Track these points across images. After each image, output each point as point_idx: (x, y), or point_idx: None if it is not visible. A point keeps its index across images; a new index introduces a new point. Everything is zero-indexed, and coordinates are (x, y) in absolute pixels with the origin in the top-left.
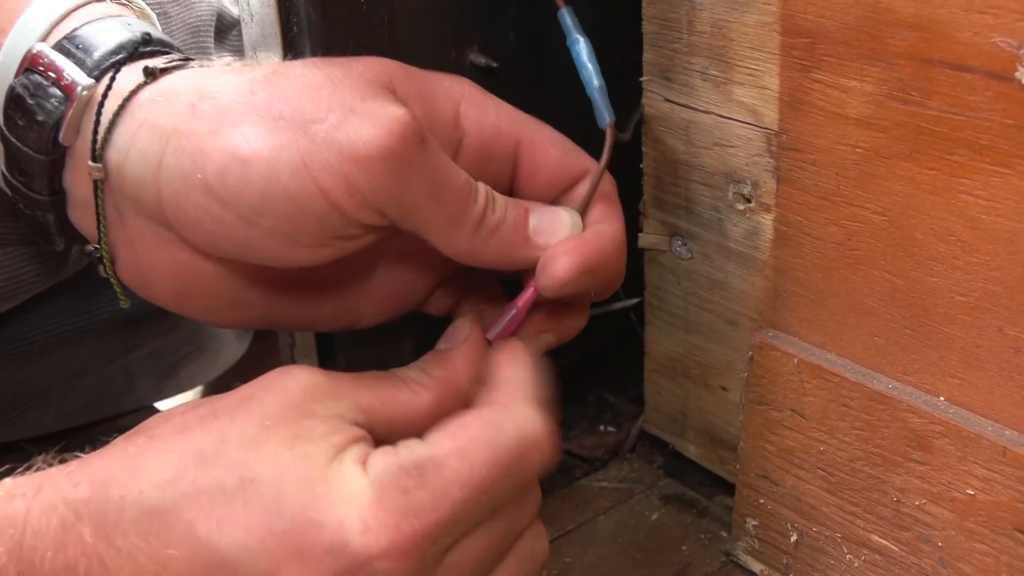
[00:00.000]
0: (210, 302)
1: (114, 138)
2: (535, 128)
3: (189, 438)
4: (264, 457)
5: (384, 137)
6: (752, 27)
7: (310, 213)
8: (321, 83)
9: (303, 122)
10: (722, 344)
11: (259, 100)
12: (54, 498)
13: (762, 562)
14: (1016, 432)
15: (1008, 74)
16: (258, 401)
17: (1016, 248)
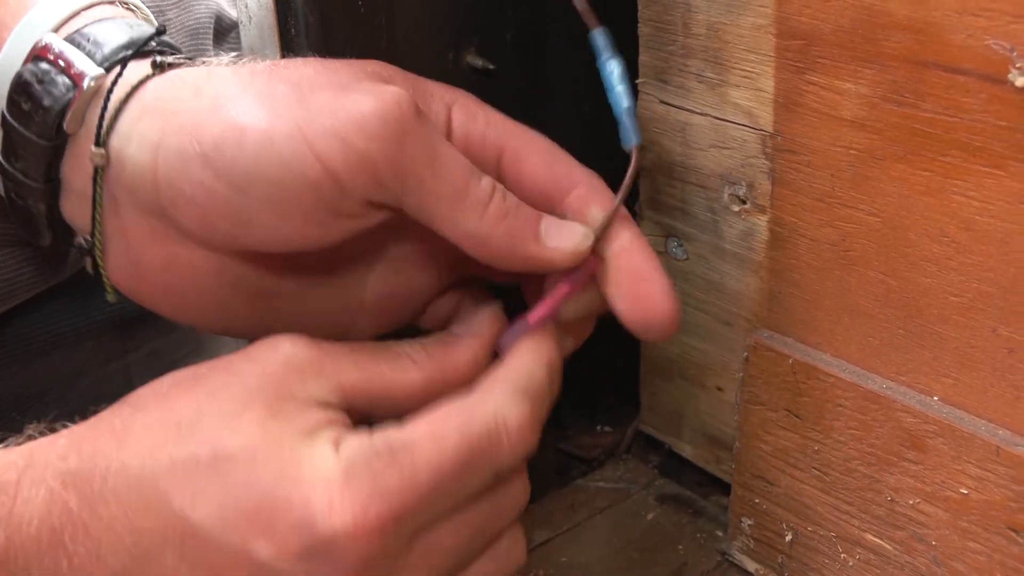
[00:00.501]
0: (198, 301)
1: (118, 125)
2: (523, 138)
3: (170, 410)
4: (238, 433)
5: (382, 104)
6: (747, 29)
7: (304, 181)
8: (320, 71)
9: (301, 96)
10: (718, 345)
11: (259, 82)
12: (43, 469)
13: (757, 561)
14: (1009, 432)
15: (1001, 76)
16: (237, 374)
17: (1009, 249)
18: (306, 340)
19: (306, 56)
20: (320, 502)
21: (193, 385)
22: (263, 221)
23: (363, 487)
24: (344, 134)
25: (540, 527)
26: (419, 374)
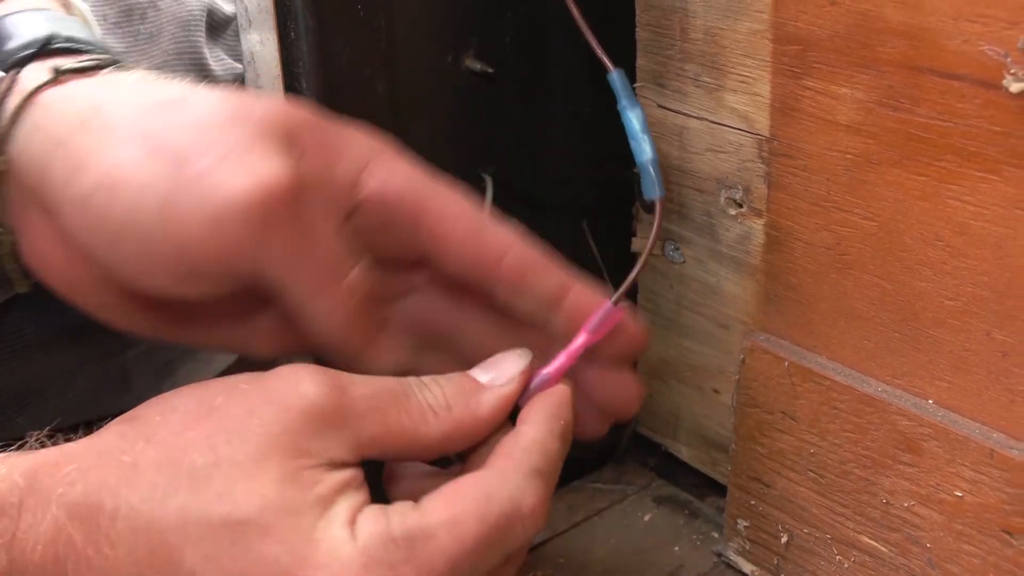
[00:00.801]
0: (98, 302)
1: (15, 133)
2: (445, 200)
3: (183, 450)
4: (253, 496)
5: (247, 191)
6: (744, 35)
7: (167, 248)
8: (213, 122)
9: (178, 159)
10: (714, 347)
11: (147, 126)
12: (48, 494)
13: (753, 563)
14: (1003, 435)
15: (996, 82)
16: (255, 415)
17: (1004, 253)
18: (328, 381)
19: (305, 61)
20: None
21: (208, 421)
22: (127, 271)
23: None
24: (207, 217)
25: None
26: (438, 429)
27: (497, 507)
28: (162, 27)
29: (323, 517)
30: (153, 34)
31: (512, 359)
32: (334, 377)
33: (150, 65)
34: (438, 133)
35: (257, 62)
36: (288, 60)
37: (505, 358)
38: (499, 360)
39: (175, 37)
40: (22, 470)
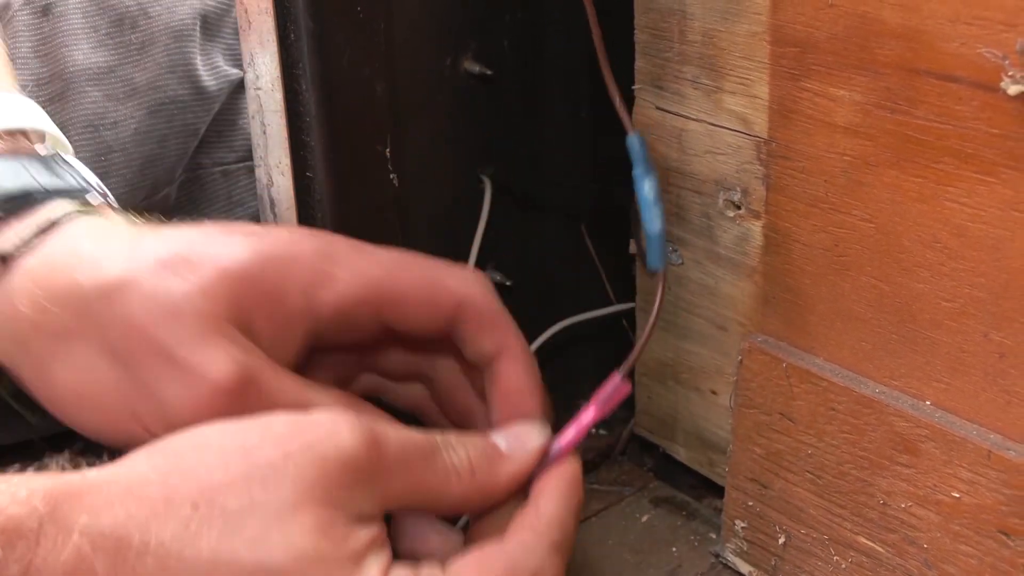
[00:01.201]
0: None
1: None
2: (393, 281)
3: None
4: (287, 547)
5: (196, 399)
6: (743, 37)
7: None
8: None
9: (129, 362)
10: (712, 349)
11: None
12: (71, 522)
13: (750, 564)
14: (1001, 436)
15: (993, 84)
16: (294, 465)
17: (1001, 255)
18: (365, 433)
19: (304, 62)
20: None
21: (244, 461)
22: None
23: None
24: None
25: None
26: (460, 492)
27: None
28: (154, 37)
29: (359, 568)
30: (145, 44)
31: (533, 433)
32: (371, 429)
33: (143, 77)
34: (437, 134)
35: (257, 64)
36: (288, 61)
37: (526, 430)
38: (520, 431)
39: (167, 48)
40: (43, 495)
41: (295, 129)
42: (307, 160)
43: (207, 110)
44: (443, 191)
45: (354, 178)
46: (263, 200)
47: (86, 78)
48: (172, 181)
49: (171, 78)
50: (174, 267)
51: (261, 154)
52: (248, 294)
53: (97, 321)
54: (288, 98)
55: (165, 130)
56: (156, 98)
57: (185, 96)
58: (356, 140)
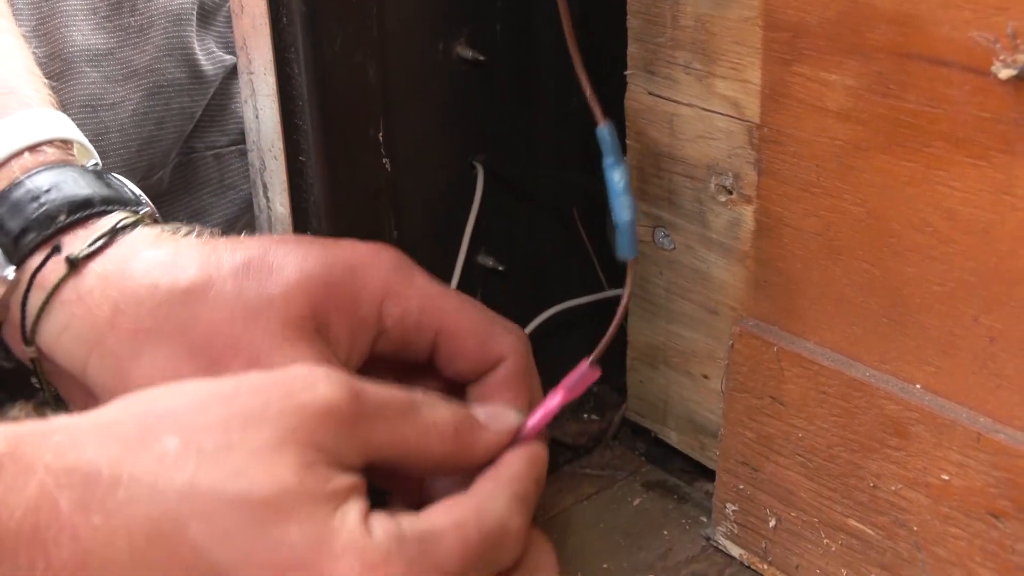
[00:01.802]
0: None
1: (42, 328)
2: (456, 315)
3: (193, 430)
4: (268, 476)
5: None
6: (735, 22)
7: None
8: (236, 316)
9: (213, 361)
10: (703, 333)
11: (173, 326)
12: (34, 461)
13: (741, 547)
14: (990, 419)
15: (984, 68)
16: (274, 411)
17: (991, 239)
18: (343, 383)
19: (298, 47)
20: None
21: (221, 407)
22: None
23: (399, 571)
24: None
25: None
26: (440, 450)
27: (492, 519)
28: (153, 20)
29: (339, 510)
30: (144, 27)
31: (512, 414)
32: (349, 380)
33: (141, 60)
34: (430, 119)
35: (250, 48)
36: (280, 45)
37: (503, 410)
38: (498, 410)
39: (166, 31)
40: (3, 438)
41: (288, 113)
42: (300, 144)
43: (204, 94)
44: (436, 176)
45: (347, 162)
46: (256, 184)
47: (85, 59)
48: (167, 164)
49: (169, 61)
50: (253, 271)
51: (254, 138)
52: (325, 299)
53: (177, 322)
54: (281, 82)
55: (162, 112)
56: (154, 80)
57: (183, 79)
58: (349, 124)
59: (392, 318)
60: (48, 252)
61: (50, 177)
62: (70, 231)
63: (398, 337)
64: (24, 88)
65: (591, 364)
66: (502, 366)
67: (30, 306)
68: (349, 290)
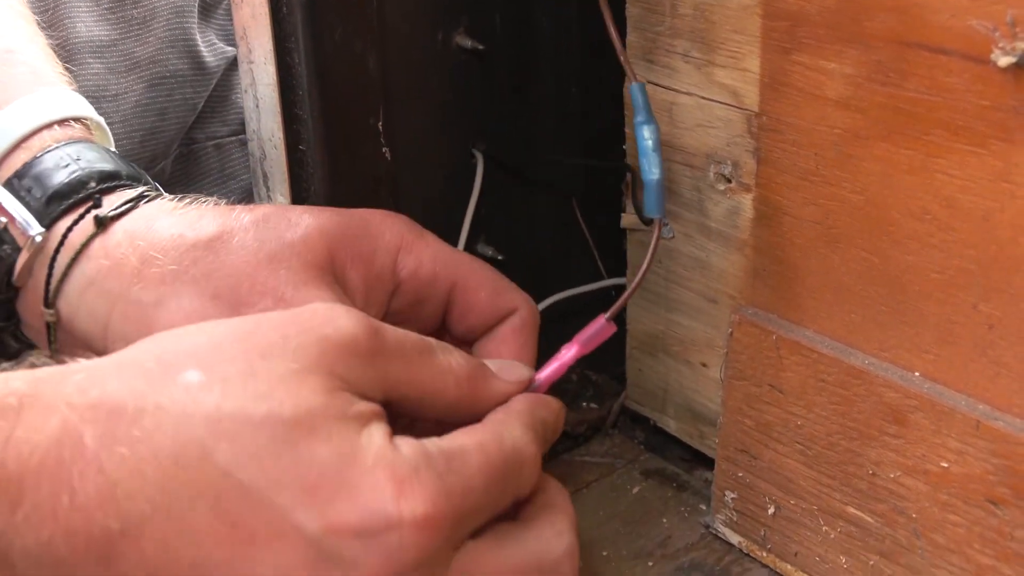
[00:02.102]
0: None
1: (65, 290)
2: (468, 271)
3: (216, 361)
4: (294, 397)
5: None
6: (734, 10)
7: None
8: (259, 260)
9: (238, 304)
10: (702, 322)
11: (199, 272)
12: (56, 400)
13: (740, 534)
14: (989, 406)
15: (984, 56)
16: (295, 343)
17: (990, 226)
18: (362, 319)
19: (298, 37)
20: (388, 489)
21: (242, 342)
22: None
23: (431, 484)
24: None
25: None
26: (454, 394)
27: (509, 443)
28: (155, 12)
29: (365, 429)
30: (146, 19)
31: (522, 368)
32: (368, 317)
33: (144, 52)
34: (429, 109)
35: (250, 37)
36: (280, 35)
37: (513, 363)
38: (508, 364)
39: (168, 23)
40: (24, 380)
41: (288, 102)
42: (300, 133)
43: (206, 85)
44: (436, 165)
45: (347, 152)
46: (256, 174)
47: (89, 50)
48: (168, 155)
49: (171, 53)
50: (272, 223)
51: (254, 127)
52: (342, 250)
53: (202, 268)
54: (281, 71)
55: (165, 103)
56: (156, 72)
57: (185, 70)
58: (349, 114)
59: (407, 270)
60: (79, 214)
61: (79, 150)
62: (101, 195)
63: (412, 292)
64: (47, 71)
65: (607, 319)
66: (514, 316)
67: (57, 265)
68: (365, 243)
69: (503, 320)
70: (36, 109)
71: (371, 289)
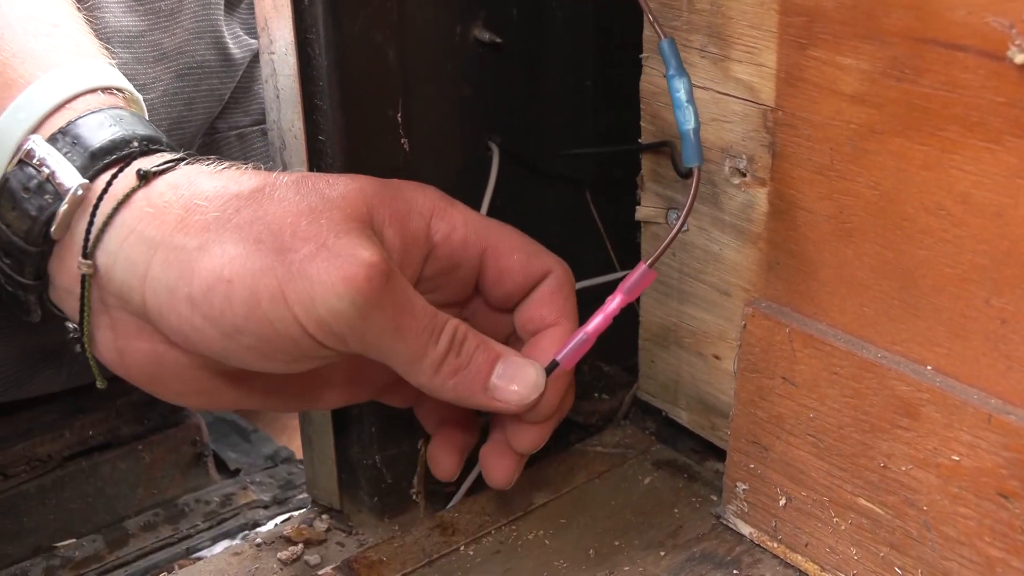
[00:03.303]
0: (182, 387)
1: (105, 240)
2: (499, 235)
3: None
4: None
5: (350, 279)
6: (751, 6)
7: (285, 336)
8: (301, 211)
9: (281, 249)
10: (715, 314)
11: (243, 219)
12: None
13: (751, 525)
14: (1001, 400)
15: (1000, 53)
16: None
17: (1004, 222)
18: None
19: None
20: None
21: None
22: (244, 358)
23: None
24: (317, 306)
25: (539, 490)
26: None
27: None
28: (182, 4)
29: None
30: (174, 11)
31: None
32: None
33: (171, 43)
34: (447, 101)
35: (271, 28)
36: (301, 27)
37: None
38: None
39: (195, 15)
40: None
41: (308, 93)
42: (319, 124)
43: (232, 76)
44: (452, 156)
45: (365, 142)
46: (276, 163)
47: (118, 40)
48: (193, 145)
49: (199, 44)
50: (311, 180)
51: (274, 117)
52: (380, 208)
53: (246, 216)
54: (301, 63)
55: (192, 93)
56: (184, 62)
57: (212, 61)
58: (368, 105)
59: (440, 233)
60: (121, 168)
61: (121, 114)
62: (142, 156)
63: (446, 257)
64: (90, 45)
65: (648, 266)
66: (549, 278)
67: (99, 214)
68: (400, 204)
69: (538, 284)
70: (81, 74)
71: (407, 248)
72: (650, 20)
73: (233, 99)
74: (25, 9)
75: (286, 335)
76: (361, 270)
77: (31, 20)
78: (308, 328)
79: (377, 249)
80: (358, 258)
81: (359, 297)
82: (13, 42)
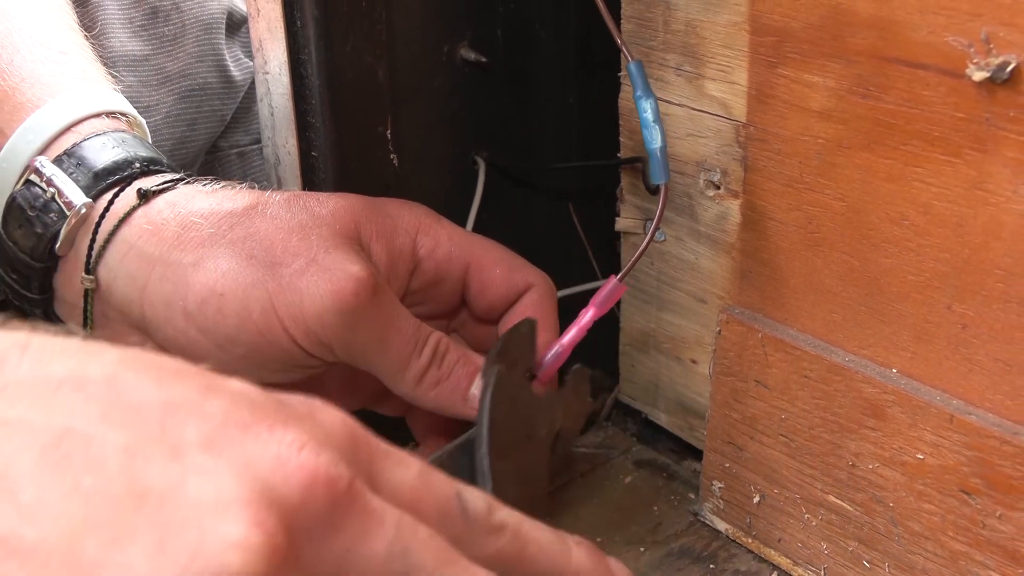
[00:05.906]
0: None
1: (106, 256)
2: (483, 250)
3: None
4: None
5: (338, 292)
6: (723, 26)
7: (276, 346)
8: (292, 227)
9: (272, 264)
10: (692, 320)
11: (236, 236)
12: None
13: (727, 521)
14: (963, 401)
15: (959, 71)
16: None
17: (964, 232)
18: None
19: (310, 48)
20: None
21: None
22: (237, 367)
23: None
24: (306, 317)
25: None
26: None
27: None
28: (185, 29)
29: None
30: (177, 36)
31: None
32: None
33: (174, 66)
34: (434, 118)
35: (266, 49)
36: (294, 47)
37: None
38: None
39: (198, 39)
40: None
41: (301, 111)
42: (312, 140)
43: (234, 97)
44: (440, 171)
45: (356, 158)
46: (271, 178)
47: (123, 64)
48: (195, 164)
49: (201, 67)
50: (300, 199)
51: (269, 135)
52: (367, 224)
53: (239, 232)
54: (295, 82)
55: (195, 115)
56: (187, 85)
57: (214, 84)
58: (358, 122)
59: (425, 249)
60: (123, 187)
61: (124, 137)
62: (143, 176)
63: (431, 271)
64: (95, 72)
65: (619, 280)
66: (531, 291)
67: (101, 231)
68: (387, 221)
69: (520, 296)
70: (86, 99)
71: (393, 263)
72: (619, 44)
73: (234, 119)
74: (35, 37)
75: (277, 345)
76: (349, 284)
77: (40, 47)
78: (297, 339)
79: (365, 264)
80: (346, 272)
81: (347, 309)
82: (23, 68)
